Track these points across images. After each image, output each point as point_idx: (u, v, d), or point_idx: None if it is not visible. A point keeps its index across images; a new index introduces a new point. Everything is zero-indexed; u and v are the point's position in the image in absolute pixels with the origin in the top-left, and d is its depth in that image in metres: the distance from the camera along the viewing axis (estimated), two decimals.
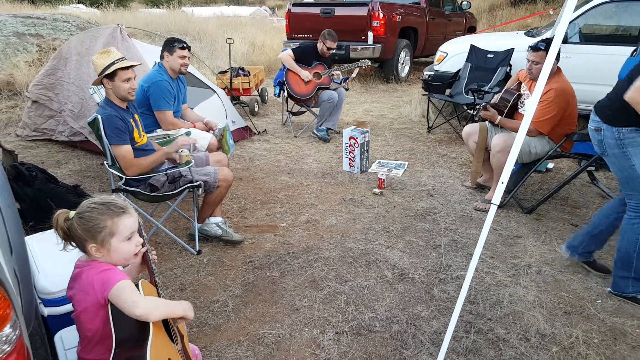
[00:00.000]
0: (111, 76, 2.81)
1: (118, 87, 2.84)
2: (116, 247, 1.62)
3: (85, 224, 1.59)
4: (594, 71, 5.22)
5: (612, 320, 2.56)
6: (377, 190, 4.24)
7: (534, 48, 3.60)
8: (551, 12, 12.47)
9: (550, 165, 4.89)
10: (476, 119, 3.92)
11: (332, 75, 5.74)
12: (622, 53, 3.91)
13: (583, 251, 2.99)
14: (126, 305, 1.50)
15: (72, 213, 1.62)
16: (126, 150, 2.88)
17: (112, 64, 2.79)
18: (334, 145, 5.65)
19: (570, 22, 5.42)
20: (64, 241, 1.61)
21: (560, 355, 2.30)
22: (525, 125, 1.83)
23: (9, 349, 1.15)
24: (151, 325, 1.51)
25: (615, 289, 2.76)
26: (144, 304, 1.53)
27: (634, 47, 3.62)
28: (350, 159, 4.76)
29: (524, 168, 3.91)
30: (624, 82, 2.52)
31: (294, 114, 6.42)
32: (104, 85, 2.86)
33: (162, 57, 3.77)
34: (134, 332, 1.50)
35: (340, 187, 4.40)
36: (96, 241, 1.59)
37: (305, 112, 6.39)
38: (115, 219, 1.61)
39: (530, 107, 1.84)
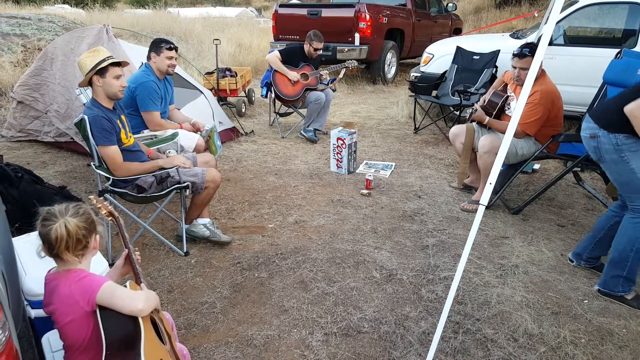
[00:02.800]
0: (102, 72, 2.78)
1: (110, 84, 2.81)
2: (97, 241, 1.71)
3: (89, 217, 1.66)
4: (578, 73, 5.30)
5: (599, 320, 2.59)
6: (365, 191, 4.25)
7: (520, 55, 3.63)
8: (536, 14, 12.62)
9: (537, 166, 4.95)
10: (468, 121, 3.95)
11: (320, 75, 5.75)
12: (607, 55, 3.99)
13: (588, 257, 3.03)
14: (125, 303, 1.51)
15: (63, 220, 1.60)
16: (113, 151, 2.85)
17: (104, 60, 2.78)
18: (322, 146, 5.65)
19: (555, 24, 5.48)
20: (79, 255, 1.63)
21: (548, 355, 2.33)
22: (512, 128, 1.85)
23: None
24: (142, 325, 1.51)
25: (605, 287, 2.79)
26: (142, 297, 1.56)
27: (618, 49, 3.69)
28: (337, 160, 4.76)
29: (510, 169, 3.95)
30: (629, 91, 2.53)
31: (282, 115, 6.41)
32: (92, 85, 2.82)
33: (149, 58, 3.74)
34: (125, 333, 1.50)
35: (328, 188, 4.41)
36: (96, 231, 1.69)
37: (292, 113, 6.38)
38: (90, 210, 1.71)
39: (517, 110, 1.86)
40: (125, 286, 1.63)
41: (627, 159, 2.56)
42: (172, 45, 3.73)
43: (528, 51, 3.59)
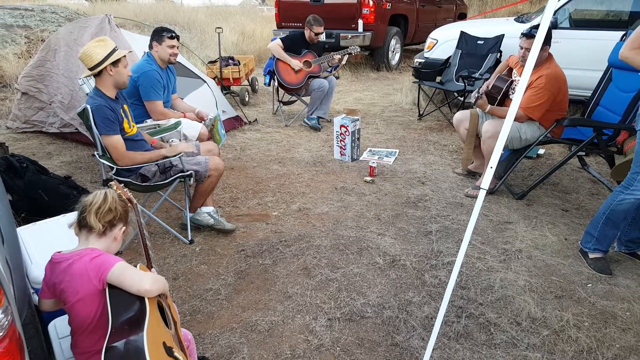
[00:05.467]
0: (116, 62, 2.81)
1: (121, 73, 2.85)
2: (125, 232, 1.77)
3: (126, 206, 1.74)
4: (583, 56, 5.24)
5: (603, 303, 2.60)
6: (369, 178, 4.25)
7: (528, 35, 3.60)
8: None
9: (541, 151, 4.92)
10: (473, 107, 3.92)
11: (333, 59, 5.71)
12: (612, 38, 3.94)
13: (626, 240, 3.00)
14: (133, 282, 1.55)
15: (105, 190, 1.74)
16: (116, 140, 2.86)
17: (115, 49, 2.80)
18: (325, 133, 5.64)
19: (560, 8, 5.42)
20: (103, 226, 1.69)
21: (551, 338, 2.34)
22: (513, 111, 1.84)
23: (0, 334, 1.15)
24: (148, 307, 1.54)
25: (581, 241, 3.04)
26: (149, 278, 1.59)
27: (623, 32, 3.65)
28: (341, 147, 4.76)
29: (514, 154, 3.93)
30: None
31: (285, 103, 6.40)
32: (100, 75, 2.82)
33: (150, 47, 3.74)
34: (131, 313, 1.53)
35: (332, 175, 4.41)
36: (126, 225, 1.74)
37: (296, 101, 6.37)
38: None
39: (517, 94, 1.85)
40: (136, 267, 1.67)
41: None
42: (173, 34, 3.72)
43: (537, 32, 3.55)
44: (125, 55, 2.86)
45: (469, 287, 2.74)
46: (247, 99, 7.02)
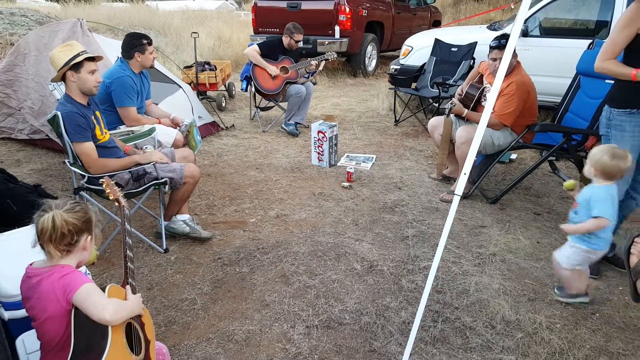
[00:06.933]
0: (77, 68, 2.71)
1: (85, 79, 2.75)
2: (93, 239, 1.68)
3: (83, 216, 1.62)
4: (553, 64, 5.37)
5: (574, 305, 2.65)
6: (346, 184, 4.26)
7: (500, 47, 3.65)
8: (512, 6, 12.76)
9: (513, 156, 5.01)
10: (446, 115, 3.97)
11: (310, 65, 5.72)
12: (580, 46, 4.05)
13: None
14: (95, 309, 1.48)
15: (52, 213, 1.59)
16: (88, 147, 2.81)
17: (78, 55, 2.71)
18: (303, 139, 5.65)
19: (530, 16, 5.55)
20: (62, 250, 1.59)
21: (525, 340, 2.37)
22: (485, 118, 1.88)
23: None
24: (110, 336, 1.49)
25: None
26: (112, 307, 1.52)
27: (590, 40, 3.75)
28: (319, 153, 4.76)
29: (487, 159, 3.99)
30: None
31: (262, 109, 6.38)
32: (65, 80, 2.76)
33: (130, 57, 3.66)
34: (92, 342, 1.47)
35: (310, 181, 4.41)
36: (91, 232, 1.64)
37: (273, 106, 6.36)
38: (92, 212, 1.68)
39: (489, 102, 1.89)
40: (104, 289, 1.60)
41: (609, 136, 2.65)
42: (150, 40, 3.71)
43: (506, 42, 3.63)
44: (89, 61, 2.75)
45: (444, 291, 2.76)
46: (223, 104, 6.98)
